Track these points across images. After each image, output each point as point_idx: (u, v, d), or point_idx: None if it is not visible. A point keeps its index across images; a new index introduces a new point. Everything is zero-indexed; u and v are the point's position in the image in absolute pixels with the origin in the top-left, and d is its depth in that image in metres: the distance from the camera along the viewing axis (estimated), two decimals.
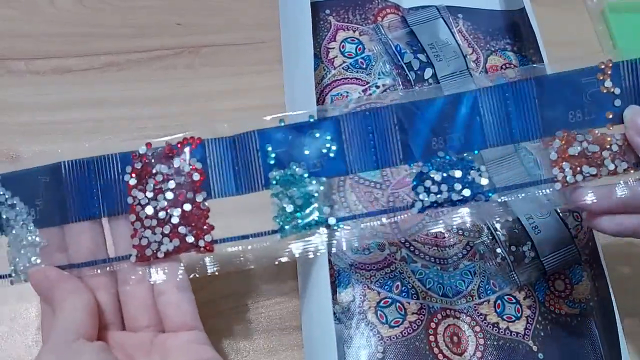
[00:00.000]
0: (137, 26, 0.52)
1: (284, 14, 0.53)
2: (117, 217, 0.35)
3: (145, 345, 0.33)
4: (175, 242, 0.34)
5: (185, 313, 0.34)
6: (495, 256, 0.45)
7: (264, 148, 0.35)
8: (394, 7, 0.54)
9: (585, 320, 0.44)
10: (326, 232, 0.35)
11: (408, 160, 0.35)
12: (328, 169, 0.35)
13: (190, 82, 0.50)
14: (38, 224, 0.35)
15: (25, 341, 0.40)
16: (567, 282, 0.45)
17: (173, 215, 0.34)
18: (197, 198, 0.35)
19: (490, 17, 0.55)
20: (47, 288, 0.34)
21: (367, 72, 0.50)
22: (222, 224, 0.35)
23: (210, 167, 0.35)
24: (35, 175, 0.35)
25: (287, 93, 0.50)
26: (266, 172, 0.35)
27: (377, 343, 0.41)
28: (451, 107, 0.35)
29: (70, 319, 0.32)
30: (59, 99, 0.48)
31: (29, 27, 0.50)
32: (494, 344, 0.43)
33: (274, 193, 0.35)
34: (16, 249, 0.35)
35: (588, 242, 0.45)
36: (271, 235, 0.35)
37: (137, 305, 0.34)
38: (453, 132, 0.35)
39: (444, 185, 0.35)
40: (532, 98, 0.35)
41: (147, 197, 0.34)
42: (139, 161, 0.35)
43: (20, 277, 0.35)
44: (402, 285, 0.43)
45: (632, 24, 0.60)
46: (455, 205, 0.35)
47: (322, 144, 0.35)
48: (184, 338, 0.33)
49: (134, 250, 0.34)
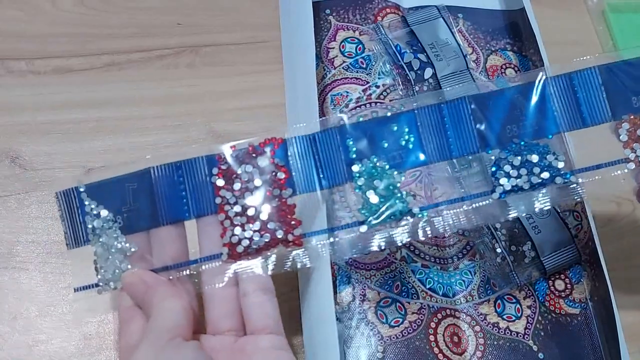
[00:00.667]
0: (138, 26, 0.52)
1: (284, 14, 0.53)
2: (203, 218, 0.35)
3: (226, 349, 0.34)
4: (265, 237, 0.35)
5: (268, 316, 0.34)
6: (496, 256, 0.45)
7: (345, 143, 0.36)
8: (394, 6, 0.54)
9: (585, 320, 0.44)
10: (411, 221, 0.36)
11: (485, 147, 0.37)
12: (408, 160, 0.37)
13: (191, 81, 0.50)
14: (125, 231, 0.36)
15: (26, 341, 0.40)
16: (567, 282, 0.46)
17: (262, 212, 0.35)
18: (283, 195, 0.36)
19: (490, 16, 0.55)
20: (142, 291, 0.34)
21: (367, 72, 0.50)
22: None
23: (294, 165, 0.36)
24: (122, 183, 0.36)
25: (287, 93, 0.50)
26: (349, 166, 0.36)
27: (377, 343, 0.41)
28: (522, 96, 0.37)
29: (169, 319, 0.32)
30: (60, 99, 0.48)
31: (30, 27, 0.50)
32: (494, 344, 0.43)
33: (358, 186, 0.36)
34: (104, 258, 0.36)
35: (588, 242, 0.45)
36: (357, 227, 0.36)
37: (221, 308, 0.35)
38: (526, 119, 0.37)
39: (523, 169, 0.36)
40: (598, 85, 0.37)
41: (235, 196, 0.35)
42: (225, 163, 0.36)
43: (110, 285, 0.35)
44: (402, 285, 0.43)
45: (633, 24, 0.60)
46: (535, 188, 0.36)
47: (401, 136, 0.37)
48: (264, 343, 0.33)
49: (224, 248, 0.35)
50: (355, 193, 0.36)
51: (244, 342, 0.34)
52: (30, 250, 0.43)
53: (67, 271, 0.42)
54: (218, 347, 0.34)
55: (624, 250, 0.50)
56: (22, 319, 0.41)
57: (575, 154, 0.37)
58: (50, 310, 0.41)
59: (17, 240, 0.43)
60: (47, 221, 0.44)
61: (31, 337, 0.40)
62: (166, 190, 0.35)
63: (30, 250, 0.43)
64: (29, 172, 0.45)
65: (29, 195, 0.44)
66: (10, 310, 0.41)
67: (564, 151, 0.37)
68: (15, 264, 0.42)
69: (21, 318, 0.41)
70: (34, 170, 0.45)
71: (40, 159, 0.46)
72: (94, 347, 0.41)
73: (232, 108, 0.50)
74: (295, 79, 0.49)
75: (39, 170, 0.45)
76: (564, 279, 0.46)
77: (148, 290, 0.34)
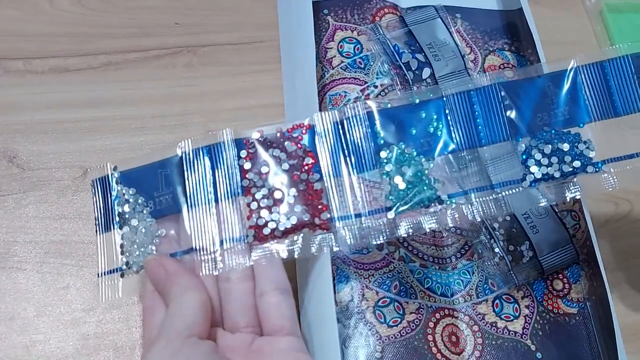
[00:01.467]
0: (136, 26, 0.52)
1: (283, 14, 0.53)
2: (226, 201, 0.36)
3: (243, 349, 0.33)
4: (292, 220, 0.35)
5: (285, 316, 0.34)
6: (494, 256, 0.45)
7: (373, 129, 0.37)
8: (392, 6, 0.54)
9: (583, 320, 0.44)
10: (439, 208, 0.36)
11: (515, 135, 0.37)
12: (436, 147, 0.37)
13: (189, 81, 0.50)
14: (155, 215, 0.36)
15: (23, 341, 0.40)
16: (565, 282, 0.46)
17: (288, 194, 0.35)
18: (310, 180, 0.36)
19: (488, 16, 0.55)
20: (163, 280, 0.34)
21: (365, 72, 0.50)
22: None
23: (321, 151, 0.36)
24: (155, 169, 0.37)
25: (286, 92, 0.50)
26: (376, 152, 0.36)
27: (375, 342, 0.41)
28: (554, 84, 0.37)
29: (187, 315, 0.32)
30: (58, 99, 0.48)
31: (28, 27, 0.50)
32: (492, 344, 0.43)
33: (385, 172, 0.36)
34: (130, 242, 0.36)
35: (586, 241, 0.45)
36: (384, 213, 0.36)
37: (238, 304, 0.34)
38: (557, 107, 0.37)
39: (554, 157, 0.36)
40: (630, 73, 0.37)
41: (262, 180, 0.36)
42: (252, 147, 0.36)
43: (133, 268, 0.36)
44: (401, 285, 0.43)
45: (630, 24, 0.60)
46: (566, 177, 0.36)
47: (429, 123, 0.37)
48: (282, 345, 0.33)
49: (250, 231, 0.35)
50: (383, 179, 0.36)
51: (262, 343, 0.33)
52: (27, 250, 0.43)
53: (65, 271, 0.42)
54: (235, 346, 0.33)
55: (621, 250, 0.50)
56: (20, 319, 0.41)
57: (606, 143, 0.37)
58: (48, 311, 0.41)
59: (14, 240, 0.43)
60: (45, 221, 0.44)
61: (29, 338, 0.40)
62: (196, 175, 0.36)
63: (28, 250, 0.43)
64: (27, 172, 0.45)
65: (26, 195, 0.44)
66: (7, 311, 0.41)
67: (595, 140, 0.36)
68: (13, 264, 0.42)
69: (19, 318, 0.41)
70: (32, 170, 0.45)
71: (37, 158, 0.45)
72: (91, 348, 0.40)
73: (230, 108, 0.50)
74: (294, 78, 0.49)
75: (36, 170, 0.45)
76: (562, 279, 0.46)
77: (168, 278, 0.34)
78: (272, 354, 0.33)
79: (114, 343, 0.41)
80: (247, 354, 0.33)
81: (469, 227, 0.46)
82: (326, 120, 0.37)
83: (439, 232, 0.46)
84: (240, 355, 0.33)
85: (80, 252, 0.43)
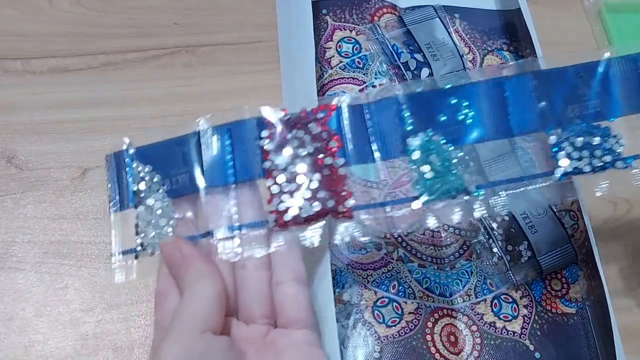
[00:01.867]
0: (135, 26, 0.52)
1: (281, 14, 0.53)
2: (246, 184, 0.34)
3: (257, 342, 0.32)
4: (316, 206, 0.33)
5: (301, 308, 0.33)
6: (492, 255, 0.45)
7: (401, 114, 0.35)
8: (390, 6, 0.54)
9: (581, 320, 0.44)
10: (466, 199, 0.34)
11: (545, 126, 0.35)
12: (465, 136, 0.35)
13: (188, 81, 0.50)
14: (172, 195, 0.34)
15: (22, 342, 0.40)
16: (564, 282, 0.46)
17: (312, 179, 0.33)
18: (334, 164, 0.34)
19: (486, 16, 0.55)
20: (178, 264, 0.32)
21: (363, 72, 0.50)
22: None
23: (346, 135, 0.34)
24: (172, 145, 0.35)
25: (285, 92, 0.50)
26: (404, 138, 0.35)
27: (374, 342, 0.41)
28: (586, 76, 0.35)
29: (201, 309, 0.31)
30: (56, 99, 0.48)
31: (27, 27, 0.50)
32: (491, 344, 0.43)
33: (412, 160, 0.34)
34: (146, 222, 0.34)
35: (584, 241, 0.45)
36: (410, 202, 0.34)
37: (254, 292, 0.33)
38: (589, 100, 0.35)
39: (585, 151, 0.35)
40: None
41: (285, 162, 0.34)
42: (274, 127, 0.34)
43: (148, 250, 0.34)
44: (399, 285, 0.43)
45: (629, 24, 0.60)
46: (595, 172, 0.35)
47: (459, 110, 0.35)
48: (297, 338, 0.32)
49: (270, 216, 0.33)
50: (410, 167, 0.34)
51: (276, 336, 0.32)
52: (26, 251, 0.43)
53: (63, 271, 0.42)
54: (249, 337, 0.32)
55: (620, 250, 0.50)
56: (19, 320, 0.41)
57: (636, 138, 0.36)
58: (47, 311, 0.41)
59: (13, 241, 0.43)
60: (43, 221, 0.44)
61: (27, 338, 0.40)
62: (214, 154, 0.34)
63: (27, 251, 0.43)
64: (25, 172, 0.45)
65: (25, 195, 0.44)
66: (6, 311, 0.41)
67: (625, 135, 0.35)
68: (12, 264, 0.42)
69: (17, 318, 0.41)
70: (30, 170, 0.45)
71: (36, 158, 0.45)
72: (90, 348, 0.40)
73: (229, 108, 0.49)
74: (293, 78, 0.49)
75: (35, 170, 0.45)
76: (561, 279, 0.46)
77: (184, 263, 0.32)
78: (287, 348, 0.32)
79: (112, 343, 0.41)
80: (260, 346, 0.32)
81: (467, 226, 0.46)
82: (353, 103, 0.35)
83: (438, 232, 0.46)
84: (253, 348, 0.32)
85: (79, 252, 0.43)
